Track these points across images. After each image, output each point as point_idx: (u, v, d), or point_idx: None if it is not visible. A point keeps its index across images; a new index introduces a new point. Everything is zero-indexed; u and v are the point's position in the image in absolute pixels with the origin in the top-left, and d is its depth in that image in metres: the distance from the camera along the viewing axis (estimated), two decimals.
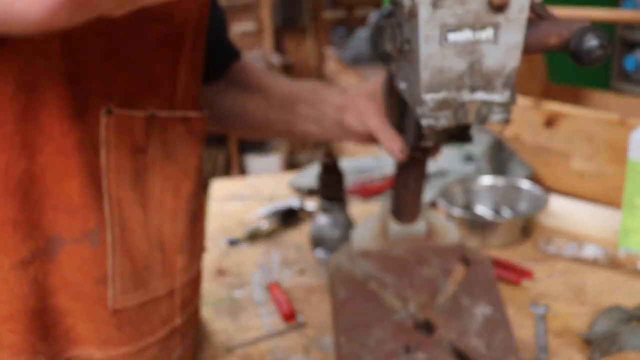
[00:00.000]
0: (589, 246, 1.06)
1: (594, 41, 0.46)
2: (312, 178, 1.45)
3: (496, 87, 0.49)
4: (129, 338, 0.62)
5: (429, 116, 0.50)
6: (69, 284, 0.57)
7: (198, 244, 0.70)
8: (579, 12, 1.46)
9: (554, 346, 0.83)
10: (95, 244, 0.57)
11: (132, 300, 0.61)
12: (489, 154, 1.40)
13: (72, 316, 0.58)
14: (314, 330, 0.90)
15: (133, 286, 0.61)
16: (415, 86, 0.50)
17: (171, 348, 0.68)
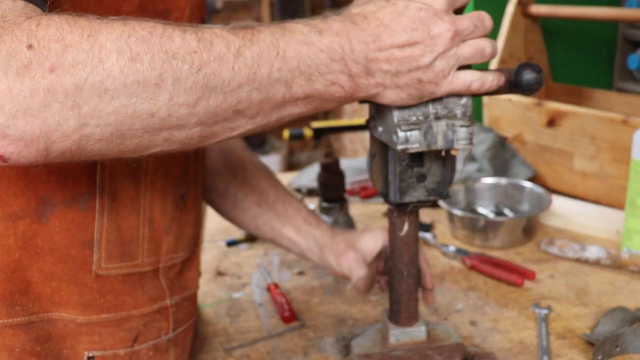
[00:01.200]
0: (592, 247, 1.05)
1: (529, 74, 0.57)
2: (312, 178, 1.44)
3: (457, 115, 0.60)
4: (111, 305, 0.64)
5: (403, 142, 0.59)
6: (56, 247, 0.60)
7: (186, 233, 0.72)
8: (583, 10, 1.46)
9: (557, 347, 0.83)
10: (84, 208, 0.60)
11: (116, 269, 0.64)
12: (491, 154, 1.39)
13: (57, 279, 0.61)
14: (314, 331, 0.90)
15: (118, 255, 0.63)
16: (390, 119, 0.59)
17: (159, 329, 0.68)
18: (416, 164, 0.67)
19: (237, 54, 0.49)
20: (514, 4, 1.53)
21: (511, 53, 1.55)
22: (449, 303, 0.95)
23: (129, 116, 0.46)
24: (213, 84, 0.49)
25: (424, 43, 0.55)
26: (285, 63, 0.52)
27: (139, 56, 0.46)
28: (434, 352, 0.76)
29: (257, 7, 4.45)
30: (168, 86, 0.47)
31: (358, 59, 0.54)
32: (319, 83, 0.54)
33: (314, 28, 0.54)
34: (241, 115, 0.52)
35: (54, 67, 0.43)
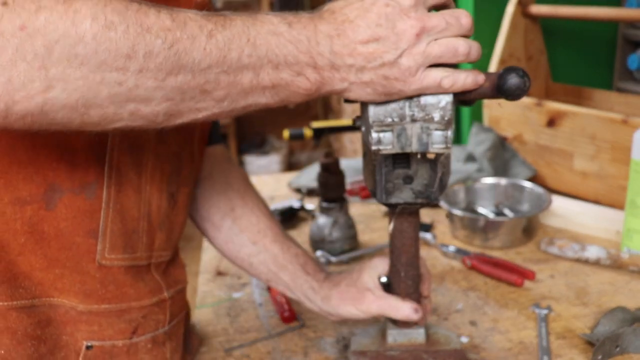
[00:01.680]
0: (592, 247, 1.05)
1: (514, 79, 0.56)
2: (312, 178, 1.44)
3: (434, 119, 0.59)
4: (113, 296, 0.65)
5: (376, 142, 0.59)
6: (62, 233, 0.61)
7: (175, 232, 0.73)
8: (583, 10, 1.45)
9: (556, 347, 0.83)
10: (91, 197, 0.61)
11: (119, 260, 0.65)
12: (491, 154, 1.39)
13: (60, 266, 0.62)
14: (314, 331, 0.90)
15: (121, 246, 0.65)
16: (366, 120, 0.59)
17: (157, 321, 0.70)
18: (402, 166, 0.67)
19: (209, 35, 0.51)
20: (514, 4, 1.53)
21: (511, 53, 1.55)
22: (449, 303, 0.95)
23: (96, 83, 0.46)
24: (183, 61, 0.49)
25: (388, 39, 0.55)
26: (255, 50, 0.53)
27: (114, 25, 0.46)
28: (430, 355, 0.76)
29: (257, 7, 4.45)
30: (139, 58, 0.47)
31: (323, 52, 0.55)
32: (286, 73, 0.55)
33: (284, 20, 0.55)
34: (208, 97, 0.53)
35: (25, 26, 0.43)
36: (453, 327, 0.88)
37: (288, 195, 1.43)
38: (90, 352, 0.64)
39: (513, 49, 1.55)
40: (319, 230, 1.12)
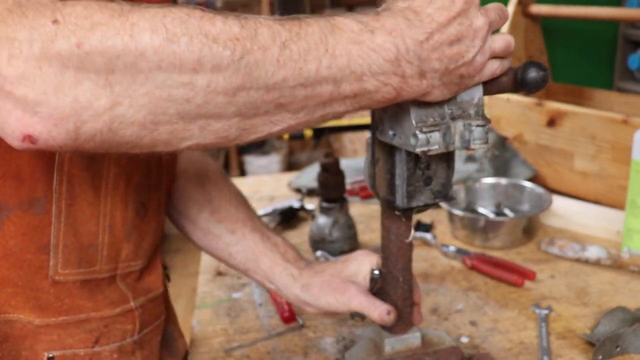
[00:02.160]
0: (592, 247, 1.05)
1: (534, 72, 0.58)
2: (312, 178, 1.44)
3: (471, 115, 0.60)
4: (69, 308, 0.62)
5: (423, 144, 0.58)
6: (11, 252, 0.59)
7: (147, 241, 0.70)
8: (583, 10, 1.45)
9: (557, 347, 0.82)
10: (40, 212, 0.59)
11: (74, 275, 0.62)
12: (491, 154, 1.39)
13: (12, 285, 0.59)
14: (314, 332, 0.90)
15: (76, 261, 0.62)
16: (407, 122, 0.59)
17: (125, 331, 0.67)
18: (423, 167, 0.67)
19: (282, 46, 0.47)
20: (514, 3, 1.53)
21: (511, 52, 1.55)
22: (449, 303, 0.95)
23: (163, 99, 0.44)
24: (255, 74, 0.46)
25: (467, 38, 0.54)
26: (335, 61, 0.49)
27: (176, 37, 0.43)
28: (431, 357, 0.76)
29: (257, 7, 4.45)
30: (207, 72, 0.44)
31: (412, 59, 0.52)
32: (370, 83, 0.52)
33: (365, 27, 0.51)
34: (284, 110, 0.50)
35: (81, 43, 0.41)
36: (453, 327, 0.88)
37: (288, 195, 1.43)
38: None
39: (513, 49, 1.55)
40: (319, 230, 1.12)
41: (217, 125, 0.48)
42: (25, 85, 0.42)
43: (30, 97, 0.42)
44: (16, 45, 0.41)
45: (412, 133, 0.59)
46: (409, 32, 0.52)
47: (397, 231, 0.74)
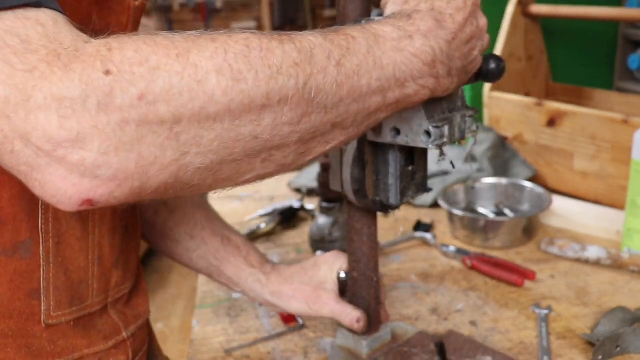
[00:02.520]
0: (592, 247, 1.05)
1: (494, 64, 0.63)
2: (312, 178, 1.44)
3: (459, 107, 0.64)
4: (63, 350, 0.59)
5: (437, 138, 0.60)
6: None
7: (131, 260, 0.68)
8: (583, 10, 1.45)
9: (557, 348, 0.82)
10: (26, 256, 0.54)
11: (67, 315, 0.59)
12: (491, 154, 1.39)
13: (4, 336, 0.55)
14: (314, 332, 0.89)
15: (68, 300, 0.58)
16: (417, 119, 0.61)
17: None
18: (409, 163, 0.69)
19: (338, 64, 0.46)
20: (514, 3, 1.53)
21: (511, 53, 1.55)
22: (449, 303, 0.95)
23: (232, 140, 0.41)
24: (317, 98, 0.45)
25: (476, 37, 0.57)
26: (383, 72, 0.49)
27: (242, 74, 0.40)
28: (406, 346, 0.78)
29: (257, 7, 4.45)
30: (274, 105, 0.42)
31: (444, 59, 0.54)
32: (411, 88, 0.52)
33: (404, 32, 0.52)
34: (338, 128, 0.48)
35: (143, 94, 0.37)
36: (453, 327, 0.88)
37: (288, 195, 1.43)
38: None
39: (513, 49, 1.55)
40: (319, 230, 1.12)
41: (279, 155, 0.46)
42: (82, 149, 0.37)
43: (89, 160, 0.37)
44: (67, 105, 0.36)
45: (424, 129, 0.61)
46: (440, 33, 0.53)
47: (368, 232, 0.75)
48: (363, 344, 0.79)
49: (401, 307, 0.94)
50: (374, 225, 0.76)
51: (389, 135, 0.64)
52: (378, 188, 0.70)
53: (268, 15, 4.41)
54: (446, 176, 1.36)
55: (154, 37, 0.40)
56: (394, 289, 1.00)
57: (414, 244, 1.16)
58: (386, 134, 0.64)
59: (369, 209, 0.74)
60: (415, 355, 0.76)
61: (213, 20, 4.46)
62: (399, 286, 1.01)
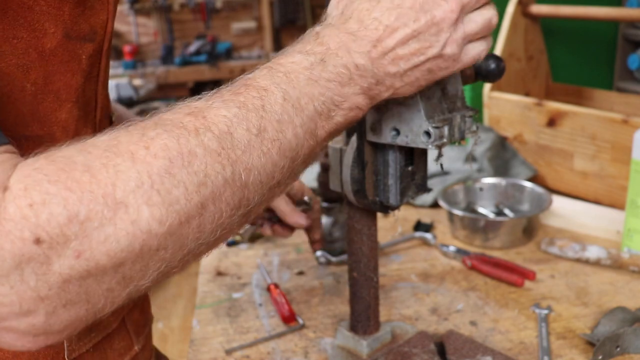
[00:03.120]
0: (592, 247, 1.05)
1: (493, 64, 0.63)
2: (312, 178, 1.44)
3: (458, 107, 0.64)
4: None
5: (437, 138, 0.60)
6: (23, 353, 0.55)
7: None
8: (583, 10, 1.45)
9: (557, 348, 0.82)
10: None
11: (88, 344, 0.59)
12: (491, 154, 1.39)
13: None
14: (314, 332, 0.89)
15: (87, 330, 0.58)
16: (416, 120, 0.61)
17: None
18: (409, 163, 0.69)
19: (259, 132, 0.43)
20: (514, 3, 1.53)
21: (511, 53, 1.55)
22: (449, 303, 0.95)
23: (178, 256, 0.41)
24: (251, 178, 0.43)
25: (427, 32, 0.50)
26: (304, 114, 0.47)
27: (172, 195, 0.38)
28: (406, 346, 0.78)
29: (257, 7, 4.45)
30: (210, 208, 0.41)
31: (365, 72, 0.50)
32: (339, 115, 0.50)
33: (314, 57, 0.49)
34: (276, 188, 0.47)
35: (80, 253, 0.35)
36: (453, 327, 0.88)
37: None
38: None
39: (513, 49, 1.55)
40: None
41: (227, 236, 0.45)
42: (27, 317, 0.36)
43: (38, 325, 0.36)
44: (3, 282, 0.34)
45: (424, 130, 0.61)
46: (354, 45, 0.49)
47: (368, 232, 0.75)
48: (363, 344, 0.79)
49: (401, 307, 0.94)
50: (374, 225, 0.76)
51: (388, 136, 0.64)
52: (378, 188, 0.70)
53: (268, 15, 4.41)
54: (446, 176, 1.36)
55: (74, 169, 0.36)
56: (394, 289, 1.00)
57: (414, 244, 1.16)
58: (386, 135, 0.64)
59: (369, 209, 0.74)
60: (415, 355, 0.76)
61: (213, 20, 4.46)
62: (399, 286, 1.01)
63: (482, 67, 0.64)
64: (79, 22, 0.52)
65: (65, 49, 0.51)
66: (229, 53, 4.41)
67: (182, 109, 0.43)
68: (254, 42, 4.51)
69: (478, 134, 0.66)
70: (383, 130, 0.65)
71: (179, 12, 4.47)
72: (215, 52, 4.29)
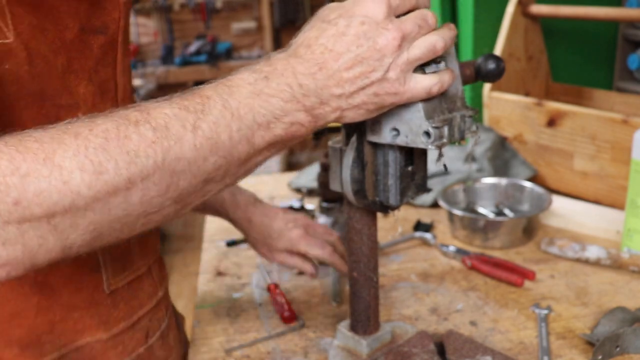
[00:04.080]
0: (592, 247, 1.05)
1: (493, 64, 0.64)
2: (312, 178, 1.44)
3: (458, 107, 0.64)
4: (124, 314, 0.72)
5: (437, 138, 0.61)
6: (70, 280, 0.66)
7: (157, 228, 0.78)
8: (583, 10, 1.45)
9: (556, 348, 0.82)
10: None
11: (122, 280, 0.71)
12: (491, 154, 1.39)
13: (77, 308, 0.67)
14: (314, 332, 0.90)
15: (120, 267, 0.71)
16: (416, 120, 0.61)
17: (159, 319, 0.78)
18: (409, 163, 0.69)
19: (194, 129, 0.50)
20: (514, 3, 1.53)
21: (511, 53, 1.55)
22: (449, 303, 0.95)
23: (106, 221, 0.47)
24: (179, 167, 0.49)
25: (371, 58, 0.54)
26: (242, 121, 0.52)
27: (103, 166, 0.45)
28: (406, 346, 0.78)
29: (257, 7, 4.45)
30: (138, 185, 0.47)
31: (308, 92, 0.54)
32: (279, 128, 0.54)
33: (259, 74, 0.54)
34: (211, 182, 0.53)
35: (18, 201, 0.43)
36: (453, 327, 0.88)
37: (288, 195, 1.43)
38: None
39: (513, 49, 1.55)
40: None
41: (156, 217, 0.51)
42: None
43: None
44: None
45: (423, 130, 0.61)
46: (300, 67, 0.54)
47: (368, 232, 0.75)
48: (363, 344, 0.79)
49: (401, 307, 0.94)
50: (374, 225, 0.76)
51: (388, 136, 0.64)
52: (378, 188, 0.70)
53: (268, 15, 4.41)
54: (446, 176, 1.36)
55: (26, 141, 0.45)
56: (394, 289, 1.00)
57: (414, 244, 1.16)
58: (386, 135, 0.64)
59: (369, 209, 0.74)
60: (415, 355, 0.76)
61: (213, 20, 4.46)
62: (399, 286, 1.01)
63: (482, 67, 0.64)
64: (93, 18, 0.62)
65: (81, 39, 0.62)
66: (229, 53, 4.41)
67: (135, 107, 0.50)
68: (254, 42, 4.51)
69: (478, 134, 0.65)
70: (383, 130, 0.65)
71: (179, 12, 4.47)
72: (215, 52, 4.29)
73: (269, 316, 0.94)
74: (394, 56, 0.55)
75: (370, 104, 0.57)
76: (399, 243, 1.16)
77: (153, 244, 0.77)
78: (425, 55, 0.57)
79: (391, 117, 0.63)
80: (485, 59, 0.64)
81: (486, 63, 0.64)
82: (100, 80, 0.65)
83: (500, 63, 0.64)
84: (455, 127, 0.63)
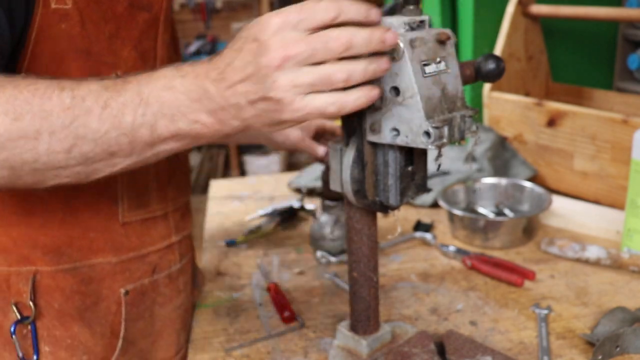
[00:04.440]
0: (592, 247, 1.05)
1: (493, 64, 0.65)
2: (312, 178, 1.44)
3: (458, 107, 0.64)
4: (135, 245, 0.82)
5: (437, 138, 0.61)
6: (90, 206, 0.77)
7: (183, 180, 0.91)
8: (583, 10, 1.45)
9: (556, 348, 0.82)
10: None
11: (136, 216, 0.82)
12: (491, 154, 1.39)
13: (93, 230, 0.78)
14: (314, 332, 0.90)
15: (135, 205, 0.82)
16: (416, 120, 0.62)
17: (170, 261, 0.88)
18: (409, 163, 0.69)
19: (104, 106, 0.58)
20: (514, 4, 1.53)
21: (511, 53, 1.55)
22: (449, 303, 0.95)
23: (18, 163, 0.58)
24: (82, 133, 0.58)
25: (256, 75, 0.55)
26: (148, 108, 0.58)
27: (21, 116, 0.56)
28: (406, 346, 0.78)
29: (257, 7, 4.45)
30: (45, 138, 0.57)
31: (213, 96, 0.58)
32: (182, 122, 0.59)
33: (179, 72, 0.59)
34: (116, 156, 0.61)
35: None
36: (453, 327, 0.88)
37: (288, 195, 1.43)
38: (128, 296, 0.82)
39: (513, 49, 1.55)
40: (320, 228, 1.12)
41: (65, 173, 0.61)
42: None
43: None
44: None
45: (423, 130, 0.61)
46: (212, 73, 0.58)
47: (368, 232, 0.75)
48: (363, 344, 0.79)
49: (401, 307, 0.94)
50: (374, 225, 0.76)
51: (388, 136, 0.64)
52: (378, 188, 0.70)
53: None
54: (446, 176, 1.36)
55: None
56: (394, 289, 1.00)
57: (414, 244, 1.16)
58: (386, 135, 0.65)
59: (369, 209, 0.74)
60: (415, 355, 0.76)
61: (213, 20, 4.46)
62: (399, 286, 1.01)
63: (482, 67, 0.65)
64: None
65: (129, 13, 0.74)
66: None
67: (77, 79, 0.60)
68: None
69: (478, 134, 0.65)
70: (383, 130, 0.65)
71: (179, 12, 4.47)
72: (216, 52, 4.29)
73: (269, 316, 0.94)
74: (276, 77, 0.55)
75: (264, 117, 0.58)
76: (399, 243, 1.16)
77: (173, 196, 0.87)
78: (317, 84, 0.55)
79: (391, 117, 0.63)
80: (485, 59, 0.65)
81: (486, 63, 0.64)
82: (142, 50, 0.77)
83: (500, 63, 0.64)
84: (455, 127, 0.63)
